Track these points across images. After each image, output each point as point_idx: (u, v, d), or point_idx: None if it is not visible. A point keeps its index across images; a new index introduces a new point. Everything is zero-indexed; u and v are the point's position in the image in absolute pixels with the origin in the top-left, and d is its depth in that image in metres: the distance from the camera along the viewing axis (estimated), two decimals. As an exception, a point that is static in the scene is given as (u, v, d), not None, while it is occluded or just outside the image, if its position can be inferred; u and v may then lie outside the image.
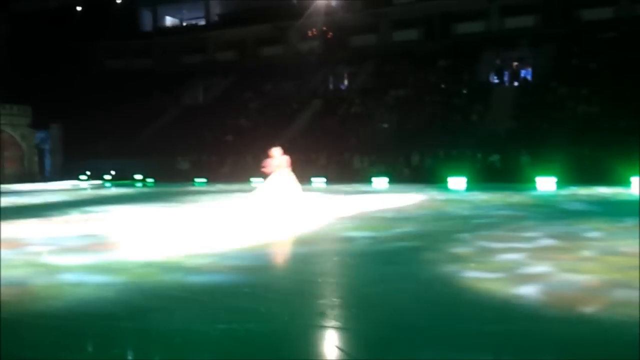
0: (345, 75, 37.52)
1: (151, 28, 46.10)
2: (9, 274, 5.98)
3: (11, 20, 40.83)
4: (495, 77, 31.15)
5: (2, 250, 7.58)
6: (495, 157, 22.88)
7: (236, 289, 5.27)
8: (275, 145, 12.50)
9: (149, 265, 6.37)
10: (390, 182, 22.20)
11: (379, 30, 38.08)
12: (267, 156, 12.21)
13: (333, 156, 26.86)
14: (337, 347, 3.76)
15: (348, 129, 29.38)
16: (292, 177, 12.05)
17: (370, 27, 38.01)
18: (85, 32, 41.34)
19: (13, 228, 10.15)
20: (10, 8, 41.76)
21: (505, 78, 31.10)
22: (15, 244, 8.19)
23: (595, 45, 28.37)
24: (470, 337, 3.84)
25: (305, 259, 6.73)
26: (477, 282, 5.27)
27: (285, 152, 12.58)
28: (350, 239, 8.03)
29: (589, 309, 4.31)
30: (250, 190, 13.35)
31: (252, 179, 24.96)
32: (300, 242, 8.08)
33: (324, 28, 38.86)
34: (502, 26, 34.18)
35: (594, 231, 8.21)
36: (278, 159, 12.06)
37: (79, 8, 43.83)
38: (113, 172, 31.45)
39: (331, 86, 37.27)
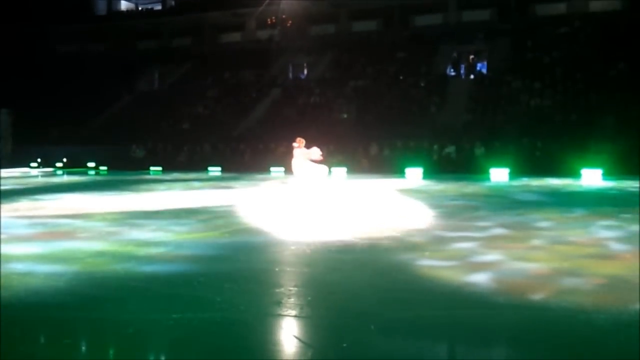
0: (305, 64, 37.37)
1: (105, 12, 44.81)
2: (-48, 263, 5.75)
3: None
4: (452, 70, 31.62)
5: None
6: (450, 149, 23.27)
7: (191, 279, 5.21)
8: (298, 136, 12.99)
9: (100, 254, 6.23)
10: (349, 172, 22.32)
11: (338, 20, 38.06)
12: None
13: (290, 146, 26.78)
14: (294, 335, 3.76)
15: (307, 118, 29.30)
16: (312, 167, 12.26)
17: (330, 17, 37.93)
18: (37, 15, 39.84)
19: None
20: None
21: (462, 71, 31.59)
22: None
23: (549, 40, 29.10)
24: (424, 323, 3.91)
25: (261, 248, 6.71)
26: (430, 270, 5.36)
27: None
28: (307, 229, 8.03)
29: (538, 296, 4.44)
30: (206, 179, 13.21)
31: (209, 168, 24.71)
32: (256, 231, 8.04)
33: (284, 16, 38.58)
34: (459, 19, 34.66)
35: (544, 221, 8.46)
36: (303, 150, 12.37)
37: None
38: (65, 160, 30.48)
39: (291, 75, 37.08)
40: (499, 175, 19.40)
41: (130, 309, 4.29)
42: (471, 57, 32.00)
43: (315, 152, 12.46)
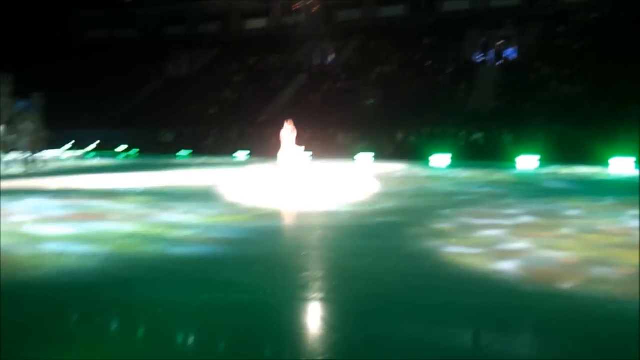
0: (331, 50, 37.21)
1: (134, -3, 45.15)
2: (-11, 243, 5.93)
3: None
4: (480, 56, 31.15)
5: (-19, 219, 7.50)
6: (478, 135, 22.98)
7: (219, 261, 5.30)
8: (288, 119, 13.60)
9: (131, 236, 6.36)
10: (375, 158, 22.26)
11: (365, 6, 37.72)
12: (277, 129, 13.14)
13: (317, 132, 26.75)
14: (320, 319, 3.81)
15: (333, 104, 29.24)
16: (296, 150, 12.69)
17: (356, 2, 37.62)
18: (67, 1, 40.39)
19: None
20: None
21: (490, 57, 31.10)
22: (-5, 213, 8.10)
23: (579, 26, 28.42)
24: (450, 309, 3.91)
25: (287, 233, 6.77)
26: (458, 257, 5.35)
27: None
28: (332, 214, 8.06)
29: (566, 285, 4.40)
30: (232, 163, 13.35)
31: (235, 152, 24.91)
32: (283, 215, 8.10)
33: (309, 2, 38.38)
34: (488, 4, 34.07)
35: (573, 209, 8.34)
36: (289, 132, 12.74)
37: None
38: (97, 143, 31.01)
39: (316, 61, 36.97)
40: (527, 162, 19.11)
41: (160, 290, 4.37)
42: (500, 42, 31.47)
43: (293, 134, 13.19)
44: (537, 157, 19.37)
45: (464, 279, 4.63)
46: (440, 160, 20.24)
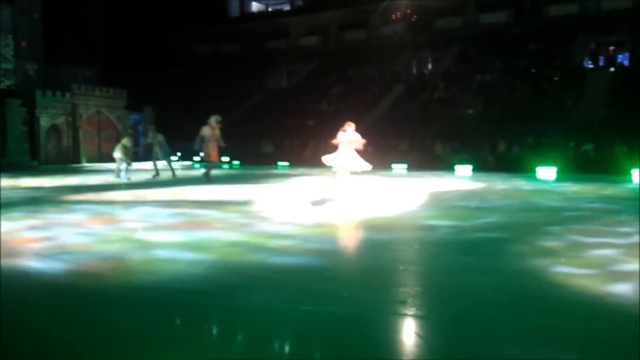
0: (429, 59, 36.75)
1: (238, 14, 47.15)
2: (106, 248, 6.41)
3: (108, 6, 42.99)
4: (590, 62, 29.43)
5: (99, 225, 8.12)
6: (588, 147, 21.68)
7: (318, 272, 5.36)
8: (350, 121, 12.64)
9: (235, 244, 6.61)
10: (475, 170, 21.62)
11: (466, 12, 36.93)
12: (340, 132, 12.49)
13: (415, 142, 26.47)
14: (418, 334, 3.75)
15: (431, 114, 28.83)
16: (356, 155, 12.21)
17: (457, 9, 36.91)
18: (176, 17, 42.95)
19: (108, 204, 10.82)
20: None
21: (601, 63, 29.31)
22: (112, 219, 8.74)
23: None
24: (557, 333, 3.71)
25: (386, 246, 6.73)
26: (567, 277, 5.07)
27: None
28: (432, 228, 7.93)
29: (691, 312, 4.04)
30: (330, 175, 13.49)
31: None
32: (381, 228, 8.07)
33: (409, 11, 38.16)
34: (598, 8, 32.15)
35: (697, 229, 7.63)
36: (349, 135, 12.25)
37: (170, -6, 45.54)
38: (202, 154, 32.56)
39: (414, 71, 36.65)
40: (643, 176, 17.75)
41: (262, 299, 4.49)
42: (611, 48, 29.57)
43: (358, 139, 12.13)
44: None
45: (573, 302, 4.37)
46: (546, 172, 19.28)
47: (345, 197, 11.62)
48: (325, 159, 12.79)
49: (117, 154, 18.12)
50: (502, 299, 4.51)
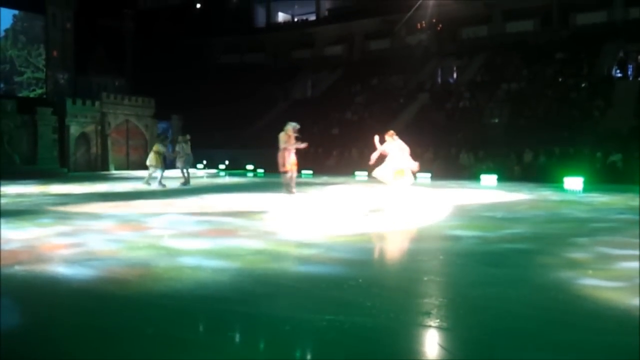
0: (455, 68, 36.56)
1: (264, 24, 47.59)
2: (133, 255, 6.51)
3: (137, 17, 43.83)
4: (618, 71, 28.96)
5: (127, 232, 8.25)
6: (616, 157, 21.30)
7: (341, 282, 5.36)
8: (388, 130, 12.70)
9: (260, 252, 6.66)
10: (500, 180, 21.39)
11: (492, 21, 36.70)
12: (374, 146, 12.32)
13: (439, 151, 26.32)
14: (442, 346, 3.73)
15: (455, 123, 28.66)
16: (405, 165, 12.10)
17: (483, 18, 36.73)
18: (203, 28, 43.55)
19: (136, 211, 10.99)
20: (136, 5, 44.95)
21: (630, 72, 28.81)
22: (139, 226, 8.88)
23: None
24: (586, 348, 3.66)
25: (410, 256, 6.71)
26: (594, 290, 4.99)
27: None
28: (457, 238, 7.87)
29: None
30: (353, 183, 13.45)
31: (356, 172, 25.14)
32: (406, 237, 8.05)
33: (434, 20, 38.07)
34: (626, 16, 31.66)
35: None
36: (391, 145, 12.16)
37: (197, 5, 46.24)
38: (227, 162, 32.92)
39: (439, 79, 36.50)
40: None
41: (286, 307, 4.52)
42: (640, 56, 29.09)
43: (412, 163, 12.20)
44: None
45: (601, 315, 4.30)
46: (574, 183, 18.98)
47: (369, 207, 11.60)
48: (378, 173, 12.62)
49: (151, 161, 18.13)
50: (528, 311, 4.45)
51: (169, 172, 18.35)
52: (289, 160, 13.78)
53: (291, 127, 14.08)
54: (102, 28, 39.40)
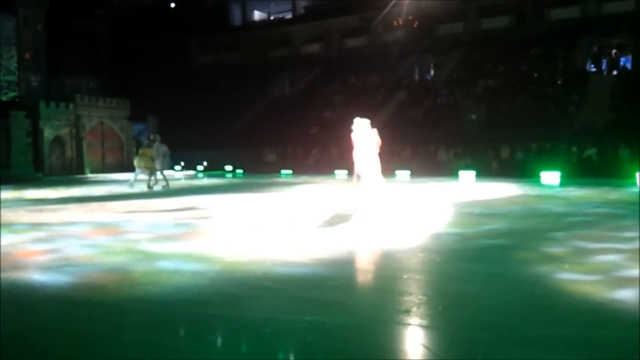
0: (432, 65, 36.80)
1: (240, 22, 47.33)
2: (110, 260, 6.42)
3: (111, 17, 43.29)
4: (593, 66, 29.42)
5: (103, 237, 8.13)
6: (591, 151, 21.65)
7: (321, 282, 5.35)
8: (360, 116, 11.64)
9: (239, 254, 6.61)
10: (478, 176, 21.59)
11: (467, 18, 37.01)
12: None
13: (418, 148, 26.48)
14: (423, 345, 3.74)
15: (433, 120, 28.86)
16: (374, 161, 11.74)
17: (459, 15, 37.01)
18: (179, 28, 43.16)
19: (112, 215, 10.84)
20: (109, 5, 44.37)
21: (603, 67, 29.29)
22: (116, 230, 8.75)
23: None
24: (563, 341, 3.70)
25: (389, 254, 6.72)
26: (571, 284, 5.05)
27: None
28: (436, 235, 7.91)
29: (696, 318, 4.01)
30: (333, 182, 13.42)
31: (335, 171, 25.15)
32: (383, 236, 8.06)
33: (410, 17, 38.27)
34: (599, 11, 32.18)
35: (703, 233, 7.59)
36: (362, 134, 11.70)
37: (172, 4, 45.82)
38: (205, 163, 32.69)
39: (417, 77, 36.70)
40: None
41: (267, 309, 4.49)
42: (614, 51, 29.57)
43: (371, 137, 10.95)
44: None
45: (578, 309, 4.36)
46: (550, 177, 19.24)
47: (348, 205, 11.60)
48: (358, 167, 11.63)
49: (139, 163, 17.74)
50: (507, 306, 4.49)
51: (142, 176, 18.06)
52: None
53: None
54: (75, 29, 38.86)
